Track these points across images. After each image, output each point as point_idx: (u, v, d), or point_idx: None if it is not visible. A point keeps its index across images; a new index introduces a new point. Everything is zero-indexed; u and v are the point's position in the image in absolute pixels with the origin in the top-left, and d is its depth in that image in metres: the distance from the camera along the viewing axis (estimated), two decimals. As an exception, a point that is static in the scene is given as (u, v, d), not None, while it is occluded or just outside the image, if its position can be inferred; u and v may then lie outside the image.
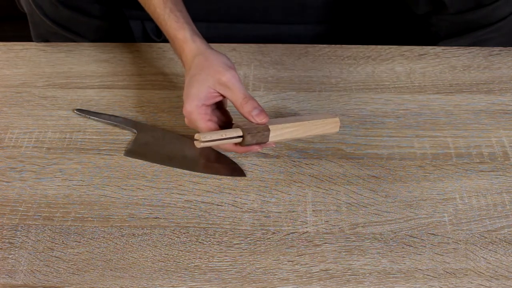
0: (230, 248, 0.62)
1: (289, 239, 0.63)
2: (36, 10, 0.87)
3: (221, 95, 0.65)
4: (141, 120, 0.75)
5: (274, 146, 0.69)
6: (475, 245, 0.62)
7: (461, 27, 0.86)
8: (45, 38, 0.92)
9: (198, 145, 0.62)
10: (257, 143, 0.64)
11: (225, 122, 0.68)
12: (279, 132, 0.65)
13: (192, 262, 0.61)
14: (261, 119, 0.63)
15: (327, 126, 0.69)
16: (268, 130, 0.64)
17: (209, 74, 0.64)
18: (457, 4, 0.82)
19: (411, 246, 0.62)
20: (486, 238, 0.62)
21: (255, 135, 0.63)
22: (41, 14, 0.87)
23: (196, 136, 0.62)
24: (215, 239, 0.63)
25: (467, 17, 0.84)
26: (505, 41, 0.87)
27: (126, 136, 0.73)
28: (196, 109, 0.64)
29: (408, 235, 0.63)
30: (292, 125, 0.66)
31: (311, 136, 0.70)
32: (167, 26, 0.69)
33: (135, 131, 0.73)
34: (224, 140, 0.63)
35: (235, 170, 0.69)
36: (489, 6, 0.82)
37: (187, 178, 0.68)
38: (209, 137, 0.62)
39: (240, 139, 0.63)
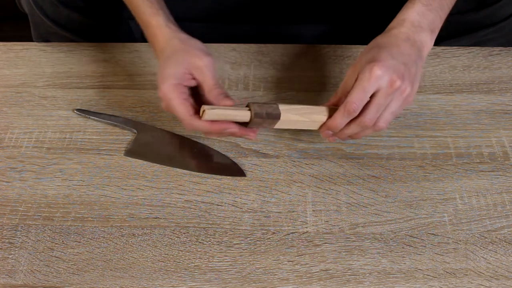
0: (230, 248, 0.62)
1: (289, 239, 0.63)
2: (37, 10, 0.86)
3: (194, 79, 0.63)
4: (141, 120, 0.75)
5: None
6: (475, 245, 0.62)
7: (463, 27, 0.86)
8: (45, 38, 0.92)
9: (204, 116, 0.60)
10: (268, 116, 0.61)
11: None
12: (288, 107, 0.63)
13: (192, 262, 0.61)
14: (225, 102, 0.61)
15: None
16: (276, 103, 0.63)
17: (186, 56, 0.63)
18: (459, 4, 0.82)
19: (411, 246, 0.62)
20: (486, 238, 0.62)
21: (262, 106, 0.61)
22: (41, 14, 0.87)
23: (202, 107, 0.60)
24: (215, 239, 0.63)
25: (469, 17, 0.84)
26: (506, 41, 0.86)
27: (126, 136, 0.73)
28: (172, 87, 0.62)
29: (408, 235, 0.63)
30: (305, 108, 0.64)
31: (320, 119, 0.65)
32: (141, 12, 0.67)
33: (135, 131, 0.73)
34: (230, 112, 0.60)
35: (235, 170, 0.69)
36: (491, 7, 0.82)
37: (187, 178, 0.68)
38: (215, 111, 0.60)
39: (248, 116, 0.61)
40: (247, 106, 0.62)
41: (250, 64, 0.83)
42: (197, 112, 0.62)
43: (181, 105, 0.62)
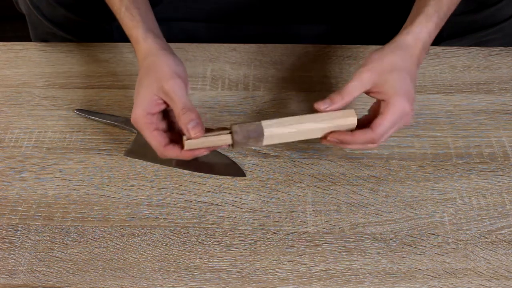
0: (230, 248, 0.62)
1: (289, 239, 0.63)
2: (34, 10, 0.86)
3: (165, 103, 0.61)
4: (141, 120, 0.75)
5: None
6: (475, 245, 0.62)
7: (464, 28, 0.86)
8: (44, 39, 0.91)
9: (185, 147, 0.59)
10: (250, 135, 0.59)
11: (171, 132, 0.64)
12: (275, 122, 0.60)
13: (192, 262, 0.61)
14: (195, 133, 0.58)
15: (339, 118, 0.61)
16: (260, 121, 0.60)
17: (154, 80, 0.60)
18: (460, 5, 0.82)
19: (411, 246, 0.62)
20: (486, 238, 0.62)
21: (242, 125, 0.59)
22: (38, 15, 0.87)
23: (183, 138, 0.59)
24: (215, 239, 0.63)
25: (470, 18, 0.84)
26: (507, 42, 0.86)
27: (126, 136, 0.73)
28: (141, 118, 0.60)
29: (408, 235, 0.63)
30: (291, 118, 0.61)
31: (319, 128, 0.62)
32: (123, 24, 0.66)
33: (135, 131, 0.72)
34: (211, 139, 0.59)
35: (235, 170, 0.69)
36: (491, 8, 0.82)
37: (187, 178, 0.68)
38: (194, 144, 0.59)
39: (229, 140, 0.60)
40: (230, 128, 0.60)
41: (250, 64, 0.83)
42: (170, 139, 0.61)
43: (151, 136, 0.61)
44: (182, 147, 0.60)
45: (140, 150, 0.71)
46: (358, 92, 0.61)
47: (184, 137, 0.59)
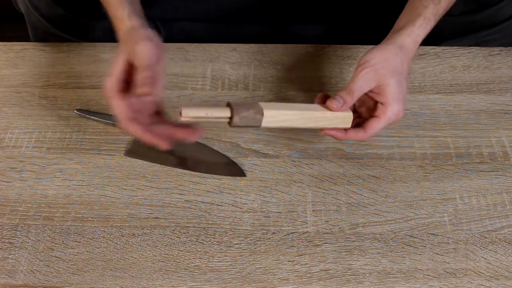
0: (230, 248, 0.62)
1: (289, 239, 0.63)
2: (32, 10, 0.86)
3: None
4: (141, 120, 0.75)
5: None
6: (475, 245, 0.62)
7: (464, 28, 0.86)
8: (43, 39, 0.91)
9: (180, 119, 0.56)
10: (247, 127, 0.59)
11: (142, 109, 0.61)
12: (274, 119, 0.59)
13: (192, 262, 0.61)
14: (142, 89, 0.56)
15: (337, 120, 0.63)
16: (262, 114, 0.58)
17: (127, 46, 0.60)
18: (460, 5, 0.82)
19: (411, 246, 0.62)
20: (486, 238, 0.62)
21: (244, 118, 0.58)
22: (37, 15, 0.87)
23: (180, 109, 0.56)
24: (215, 239, 0.63)
25: (471, 18, 0.84)
26: (507, 42, 0.86)
27: (126, 136, 0.73)
28: (112, 84, 0.59)
29: (408, 235, 0.63)
30: (292, 113, 0.61)
31: (315, 127, 0.64)
32: (109, 4, 0.65)
33: (135, 131, 0.72)
34: (209, 113, 0.57)
35: (235, 170, 0.69)
36: (492, 7, 0.82)
37: (187, 178, 0.68)
38: (191, 114, 0.56)
39: (227, 120, 0.58)
40: (227, 105, 0.59)
41: (250, 64, 0.83)
42: (136, 115, 0.59)
43: (116, 105, 0.59)
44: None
45: (140, 150, 0.71)
46: (365, 91, 0.63)
47: (181, 108, 0.56)
